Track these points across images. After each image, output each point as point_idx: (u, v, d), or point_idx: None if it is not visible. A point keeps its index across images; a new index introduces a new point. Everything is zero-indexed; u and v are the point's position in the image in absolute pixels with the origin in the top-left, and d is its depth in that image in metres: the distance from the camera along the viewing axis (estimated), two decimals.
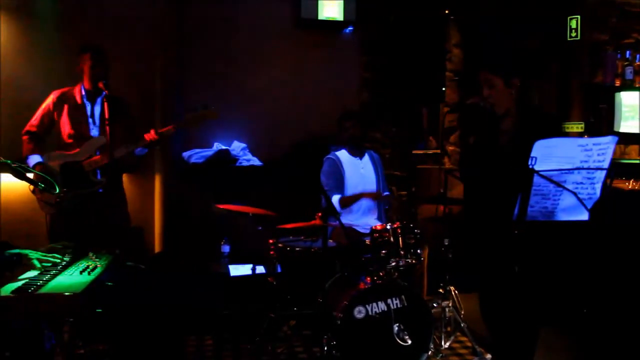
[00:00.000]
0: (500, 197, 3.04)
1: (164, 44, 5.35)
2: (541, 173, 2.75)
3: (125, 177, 4.68)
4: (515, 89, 3.28)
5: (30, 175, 3.16)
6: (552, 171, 2.76)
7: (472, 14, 5.98)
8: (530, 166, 2.72)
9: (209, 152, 5.47)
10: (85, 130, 4.15)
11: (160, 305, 3.68)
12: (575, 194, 2.82)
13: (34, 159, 4.13)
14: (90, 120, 4.13)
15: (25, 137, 4.21)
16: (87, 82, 4.17)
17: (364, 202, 4.64)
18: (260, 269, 4.08)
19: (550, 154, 2.72)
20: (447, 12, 6.09)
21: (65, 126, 4.17)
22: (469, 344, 4.18)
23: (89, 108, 4.17)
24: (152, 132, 4.12)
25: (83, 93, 4.20)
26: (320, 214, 3.90)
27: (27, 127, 4.23)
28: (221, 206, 3.99)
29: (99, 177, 4.10)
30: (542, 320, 3.50)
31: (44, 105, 4.23)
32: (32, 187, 3.75)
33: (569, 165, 2.76)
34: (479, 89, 3.35)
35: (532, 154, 2.71)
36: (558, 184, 2.79)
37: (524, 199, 2.81)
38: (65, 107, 4.17)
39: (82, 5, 5.20)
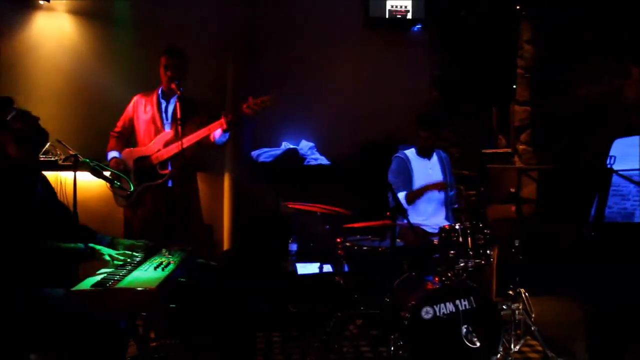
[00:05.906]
0: (576, 197, 2.93)
1: (236, 44, 5.45)
2: (620, 173, 2.64)
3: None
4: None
5: (107, 174, 3.28)
6: (632, 171, 2.64)
7: (545, 8, 5.80)
8: (609, 165, 2.62)
9: (277, 151, 5.53)
10: (159, 128, 4.31)
11: (230, 301, 3.74)
12: None
13: (111, 154, 4.42)
14: (163, 117, 4.32)
15: (110, 137, 4.49)
16: (164, 84, 4.32)
17: (432, 201, 4.59)
18: (327, 268, 4.09)
19: (630, 153, 2.61)
20: (518, 7, 5.93)
21: (142, 124, 4.36)
22: (539, 348, 4.06)
23: (163, 107, 4.35)
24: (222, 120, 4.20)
25: (159, 93, 4.39)
26: (388, 213, 3.88)
27: (114, 129, 4.51)
28: (289, 204, 4.02)
29: (169, 169, 4.24)
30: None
31: (126, 109, 4.47)
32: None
33: None
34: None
35: (611, 153, 2.61)
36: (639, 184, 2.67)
37: (601, 199, 2.71)
38: (143, 107, 4.38)
39: (157, 9, 5.36)
